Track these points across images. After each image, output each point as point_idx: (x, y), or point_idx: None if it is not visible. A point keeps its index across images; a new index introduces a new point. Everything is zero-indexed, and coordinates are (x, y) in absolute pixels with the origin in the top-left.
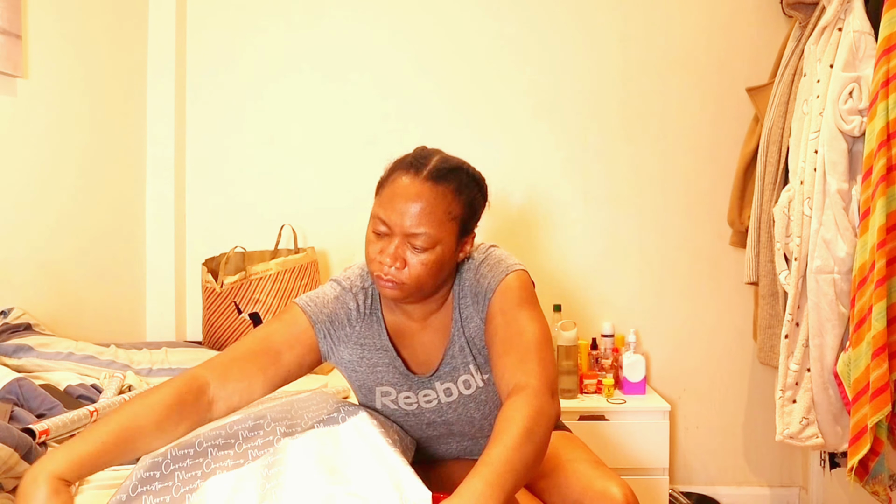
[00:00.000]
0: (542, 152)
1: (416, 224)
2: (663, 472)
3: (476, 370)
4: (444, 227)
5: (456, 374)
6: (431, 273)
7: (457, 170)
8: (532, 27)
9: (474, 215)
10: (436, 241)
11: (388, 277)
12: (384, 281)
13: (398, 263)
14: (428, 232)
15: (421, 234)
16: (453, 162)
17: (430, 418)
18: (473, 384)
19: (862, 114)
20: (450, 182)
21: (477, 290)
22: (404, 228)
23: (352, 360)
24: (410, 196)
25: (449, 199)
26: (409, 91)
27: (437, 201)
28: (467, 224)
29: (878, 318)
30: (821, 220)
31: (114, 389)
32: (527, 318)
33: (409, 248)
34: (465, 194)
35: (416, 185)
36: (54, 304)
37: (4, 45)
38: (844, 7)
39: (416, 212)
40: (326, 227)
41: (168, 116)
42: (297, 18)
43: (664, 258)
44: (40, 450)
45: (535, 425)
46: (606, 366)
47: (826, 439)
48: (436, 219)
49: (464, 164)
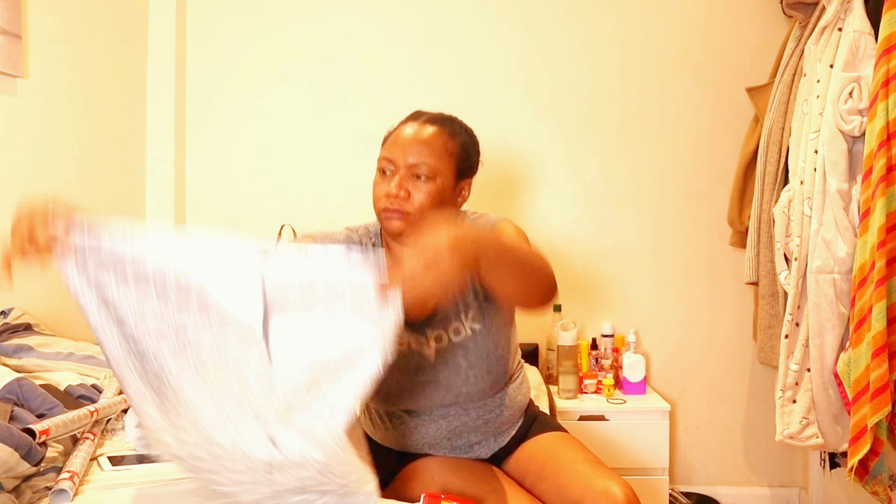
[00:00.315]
0: (542, 152)
1: (418, 155)
2: (663, 472)
3: (466, 319)
4: (442, 160)
5: (447, 322)
6: (433, 202)
7: (450, 118)
8: (531, 27)
9: (468, 159)
10: (436, 172)
11: (395, 207)
12: (391, 212)
13: (402, 192)
14: (428, 162)
15: (422, 163)
16: (445, 115)
17: (417, 362)
18: (463, 332)
19: (862, 114)
20: (444, 126)
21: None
22: (407, 161)
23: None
24: (411, 135)
25: (445, 138)
26: (408, 92)
27: (435, 138)
28: (462, 165)
29: (878, 318)
30: (821, 220)
31: (114, 389)
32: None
33: (412, 179)
34: (458, 137)
35: (415, 127)
36: (54, 304)
37: (4, 45)
38: (844, 7)
39: (416, 146)
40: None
41: (168, 117)
42: (297, 20)
43: (664, 258)
44: (40, 450)
45: (535, 261)
46: (606, 366)
47: (826, 439)
48: (434, 151)
49: (455, 118)
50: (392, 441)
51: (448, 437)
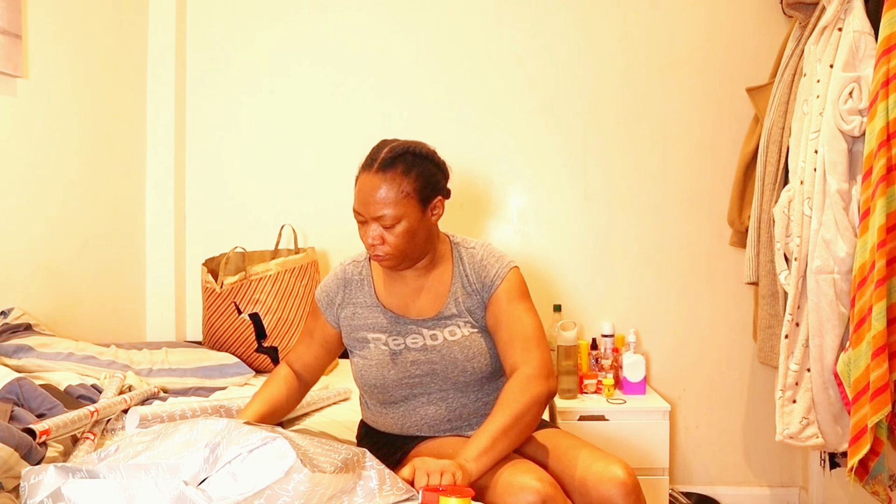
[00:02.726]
0: (542, 152)
1: (377, 209)
2: (663, 472)
3: (462, 325)
4: (400, 204)
5: (443, 326)
6: (406, 240)
7: (402, 154)
8: (532, 27)
9: (429, 184)
10: (399, 217)
11: (377, 253)
12: (376, 258)
13: (378, 241)
14: (388, 213)
15: (384, 215)
16: (398, 149)
17: (415, 356)
18: (459, 333)
19: (862, 114)
20: (396, 167)
21: (484, 275)
22: (371, 215)
23: (347, 317)
24: (367, 190)
25: (399, 181)
26: (408, 91)
27: (389, 186)
28: (424, 193)
29: (878, 318)
30: (821, 220)
31: (114, 389)
32: (526, 309)
33: (381, 228)
34: (413, 172)
35: (370, 179)
36: (54, 304)
37: (4, 45)
38: (844, 7)
39: (374, 200)
40: (326, 227)
41: (168, 117)
42: (298, 19)
43: (664, 258)
44: (40, 450)
45: (529, 409)
46: (606, 366)
47: (826, 439)
48: (391, 200)
49: (410, 147)
50: (393, 425)
51: (448, 419)
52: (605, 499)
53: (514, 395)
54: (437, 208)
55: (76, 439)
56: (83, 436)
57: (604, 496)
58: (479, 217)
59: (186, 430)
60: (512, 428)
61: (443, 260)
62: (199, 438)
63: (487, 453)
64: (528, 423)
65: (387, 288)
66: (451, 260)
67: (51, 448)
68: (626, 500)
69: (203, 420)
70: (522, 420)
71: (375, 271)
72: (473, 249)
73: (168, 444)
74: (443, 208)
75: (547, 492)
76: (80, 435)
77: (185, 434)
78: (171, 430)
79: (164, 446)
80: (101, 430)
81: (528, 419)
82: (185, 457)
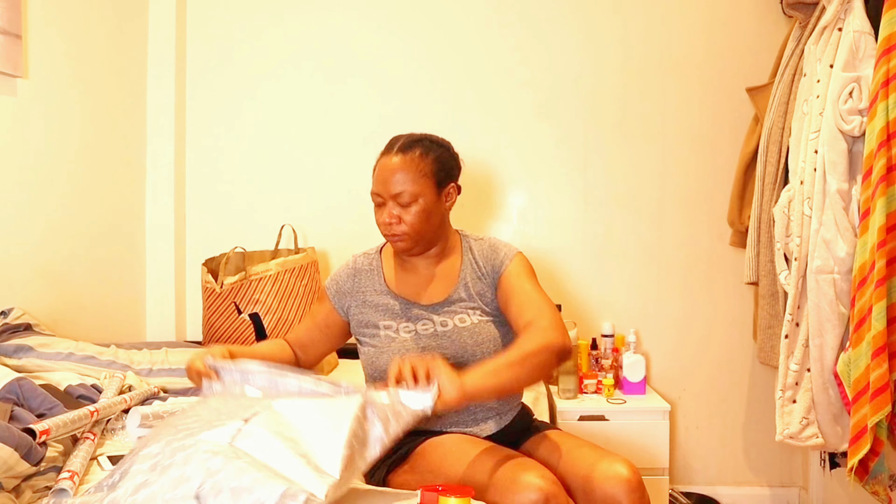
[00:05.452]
0: (542, 152)
1: (396, 186)
2: (663, 472)
3: (472, 313)
4: (418, 183)
5: (454, 312)
6: (423, 220)
7: (420, 140)
8: (531, 27)
9: (444, 169)
10: (417, 195)
11: (393, 232)
12: (392, 237)
13: (395, 220)
14: (407, 189)
15: (402, 192)
16: (416, 136)
17: (425, 342)
18: (469, 321)
19: (862, 114)
20: (415, 149)
21: (493, 258)
22: (390, 192)
23: (357, 305)
24: (387, 169)
25: (417, 161)
26: (407, 91)
27: (408, 165)
28: (440, 177)
29: (878, 318)
30: (821, 220)
31: (114, 389)
32: (535, 286)
33: (399, 207)
34: (430, 155)
35: (390, 160)
36: (54, 304)
37: (4, 45)
38: (844, 7)
39: (394, 179)
40: (326, 227)
41: (168, 116)
42: (297, 19)
43: (664, 258)
44: (40, 450)
45: (540, 351)
46: (606, 366)
47: (826, 439)
48: (410, 178)
49: (426, 135)
50: None
51: (454, 412)
52: (610, 497)
53: (527, 337)
54: (450, 195)
55: (76, 439)
56: (83, 436)
57: (608, 494)
58: (479, 217)
59: (181, 462)
60: (519, 364)
61: (453, 251)
62: (192, 476)
63: (486, 377)
64: (537, 365)
65: (398, 277)
66: (460, 250)
67: (51, 448)
68: (630, 497)
69: (200, 453)
70: (531, 360)
71: (386, 262)
72: (482, 241)
73: (164, 479)
74: (455, 197)
75: (550, 489)
76: (80, 435)
77: (180, 468)
78: (167, 463)
79: (162, 480)
80: (101, 430)
81: (536, 361)
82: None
